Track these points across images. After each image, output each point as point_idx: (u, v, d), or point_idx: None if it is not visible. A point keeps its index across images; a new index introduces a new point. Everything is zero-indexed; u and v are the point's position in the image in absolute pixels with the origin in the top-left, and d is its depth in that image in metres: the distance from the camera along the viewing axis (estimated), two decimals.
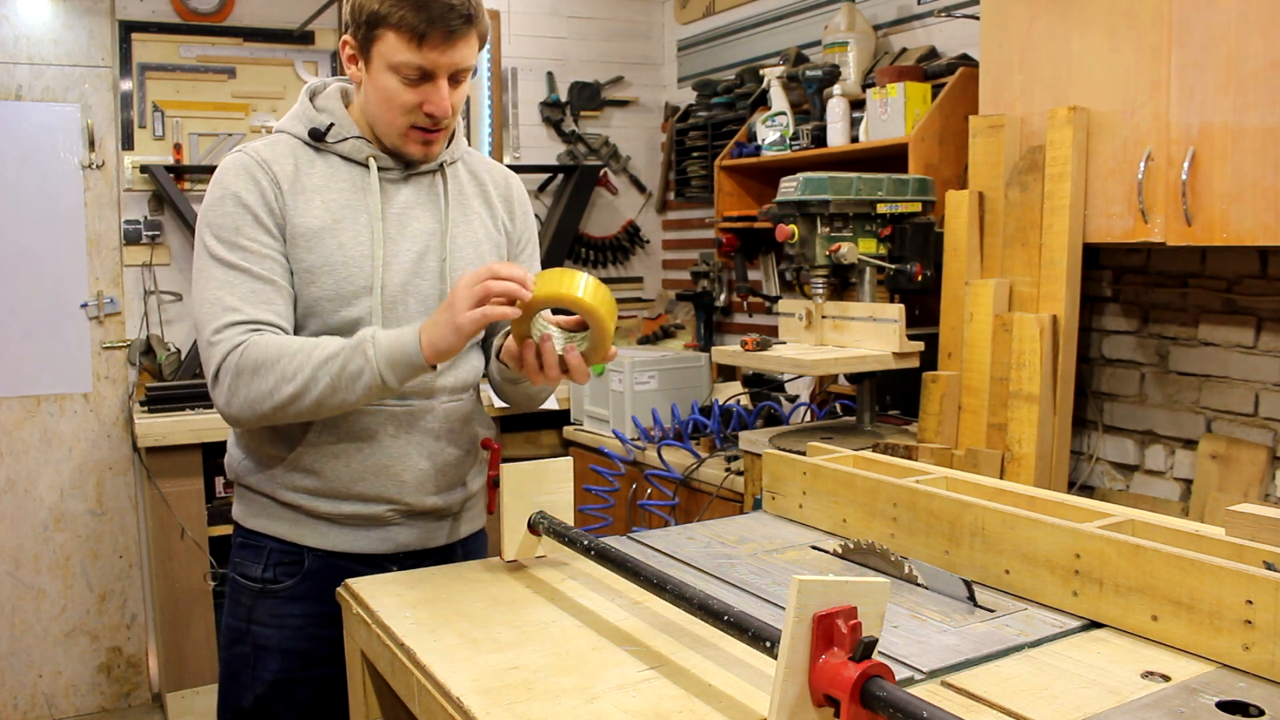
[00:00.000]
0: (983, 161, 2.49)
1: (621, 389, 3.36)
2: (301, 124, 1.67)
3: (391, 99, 1.58)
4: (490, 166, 1.85)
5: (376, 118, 1.62)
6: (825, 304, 2.59)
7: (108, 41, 3.71)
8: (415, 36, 1.52)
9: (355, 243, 1.61)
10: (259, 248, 1.57)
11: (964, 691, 1.08)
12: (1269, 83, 1.96)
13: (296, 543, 1.68)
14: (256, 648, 1.69)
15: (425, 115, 1.59)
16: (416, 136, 1.62)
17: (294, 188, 1.61)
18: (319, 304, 1.60)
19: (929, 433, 2.45)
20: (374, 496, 1.66)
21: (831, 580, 0.94)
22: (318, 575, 1.68)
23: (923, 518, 1.48)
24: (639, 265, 4.62)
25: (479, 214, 1.77)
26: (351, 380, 1.48)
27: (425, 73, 1.55)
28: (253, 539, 1.71)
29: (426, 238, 1.68)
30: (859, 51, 3.22)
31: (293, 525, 1.68)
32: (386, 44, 1.54)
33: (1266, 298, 2.32)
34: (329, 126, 1.65)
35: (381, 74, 1.56)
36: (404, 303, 1.65)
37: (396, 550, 1.71)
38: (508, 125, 4.28)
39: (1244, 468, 2.32)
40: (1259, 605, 1.07)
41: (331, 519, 1.67)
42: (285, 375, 1.49)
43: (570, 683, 1.14)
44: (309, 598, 1.68)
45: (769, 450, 1.94)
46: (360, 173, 1.65)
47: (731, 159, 3.64)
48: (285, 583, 1.68)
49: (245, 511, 1.73)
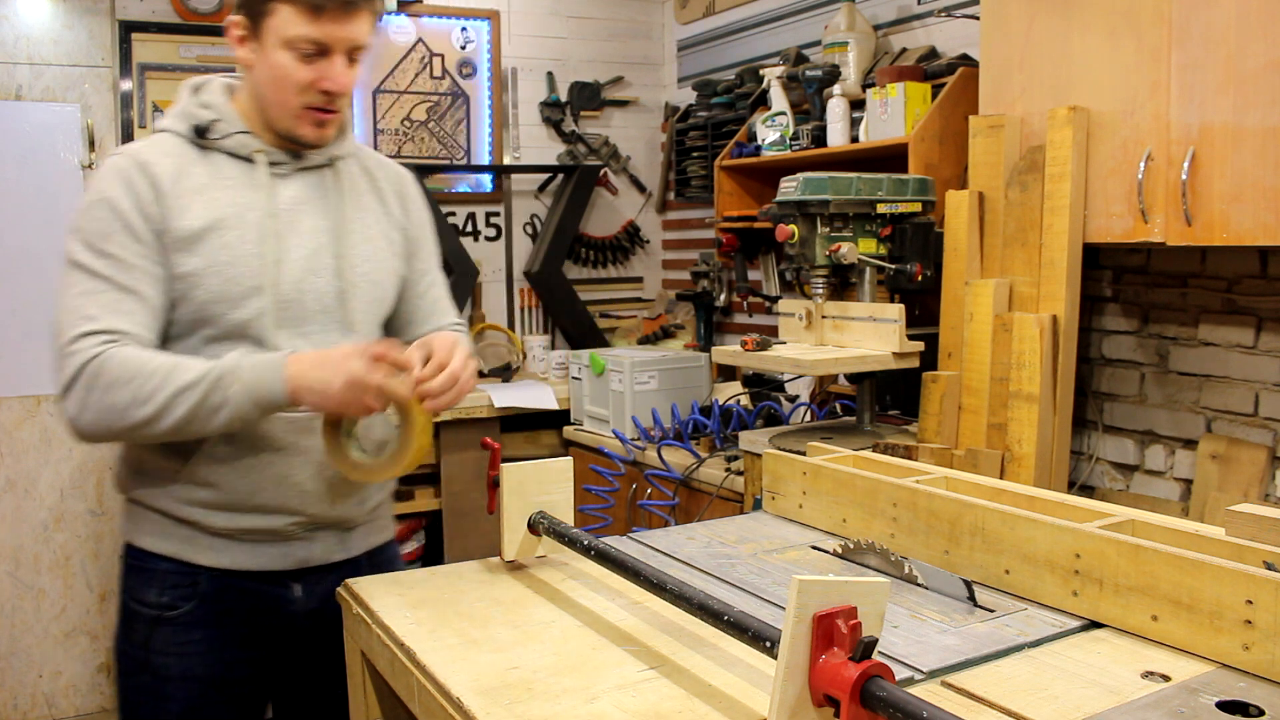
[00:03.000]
0: (983, 161, 2.49)
1: (621, 389, 3.36)
2: (184, 121, 1.60)
3: (285, 77, 1.52)
4: (382, 162, 1.80)
5: (269, 99, 1.56)
6: (825, 304, 2.59)
7: (108, 41, 3.71)
8: (311, 8, 1.47)
9: (241, 242, 1.55)
10: (127, 256, 1.50)
11: (964, 691, 1.08)
12: (1269, 83, 1.96)
13: (190, 561, 1.60)
14: (159, 678, 1.60)
15: (321, 93, 1.53)
16: (310, 117, 1.56)
17: (175, 190, 1.53)
18: (207, 307, 1.54)
19: (929, 433, 2.45)
20: (275, 508, 1.60)
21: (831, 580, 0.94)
22: (215, 598, 1.61)
23: (923, 518, 1.48)
24: (639, 265, 4.62)
25: (373, 210, 1.72)
26: (211, 412, 1.44)
27: (322, 47, 1.50)
28: (144, 560, 1.62)
29: (319, 235, 1.62)
30: (859, 51, 3.22)
31: (186, 543, 1.60)
32: (280, 18, 1.48)
33: (1266, 298, 2.32)
34: (212, 122, 1.58)
35: (275, 51, 1.51)
36: (300, 302, 1.59)
37: (298, 566, 1.65)
38: (508, 125, 4.29)
39: (1244, 468, 2.32)
40: (1259, 605, 1.07)
41: (228, 534, 1.60)
42: (139, 397, 1.43)
43: (570, 683, 1.14)
44: (208, 623, 1.61)
45: (769, 450, 1.94)
46: (247, 169, 1.59)
47: (731, 159, 3.64)
48: (182, 608, 1.60)
49: (135, 529, 1.64)
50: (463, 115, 4.20)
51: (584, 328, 4.29)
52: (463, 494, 3.69)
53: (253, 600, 1.64)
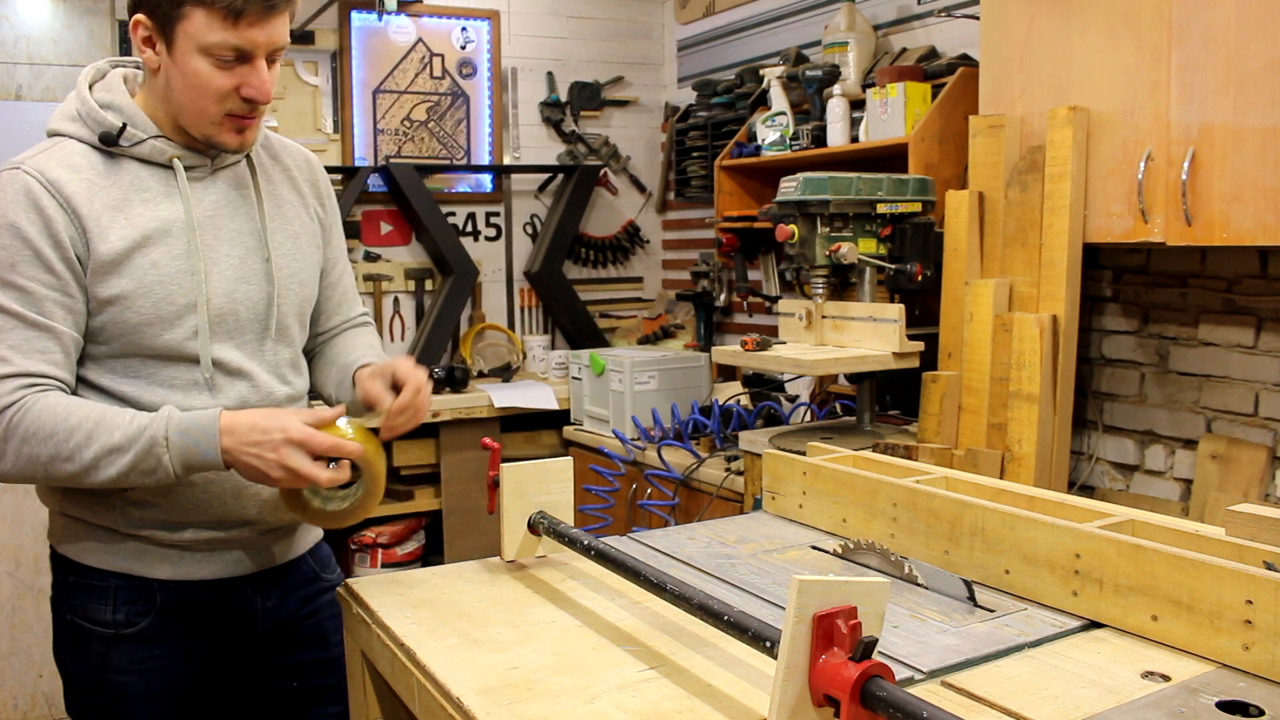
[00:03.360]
0: (983, 161, 2.49)
1: (621, 389, 3.36)
2: (87, 126, 1.45)
3: (203, 85, 1.39)
4: (289, 148, 1.67)
5: (183, 107, 1.42)
6: (825, 304, 2.59)
7: (108, 41, 3.71)
8: (230, 13, 1.34)
9: (170, 258, 1.44)
10: (37, 288, 1.38)
11: (964, 691, 1.08)
12: (1269, 83, 1.96)
13: (144, 576, 1.50)
14: (117, 697, 1.51)
15: (243, 100, 1.41)
16: (231, 124, 1.44)
17: (91, 210, 1.40)
18: (139, 330, 1.44)
19: (929, 433, 2.45)
20: (235, 520, 1.53)
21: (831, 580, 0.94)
22: (172, 610, 1.52)
23: (923, 518, 1.48)
24: (639, 265, 4.62)
25: (291, 204, 1.61)
26: (143, 475, 1.37)
27: (242, 53, 1.38)
28: (92, 577, 1.51)
29: (245, 238, 1.52)
30: (859, 51, 3.22)
31: (138, 558, 1.50)
32: (194, 23, 1.35)
33: (1266, 298, 2.32)
34: (122, 127, 1.43)
35: (189, 57, 1.37)
36: (233, 314, 1.51)
37: (256, 570, 1.59)
38: (508, 125, 4.28)
39: (1244, 468, 2.32)
40: (1259, 605, 1.07)
41: (183, 545, 1.51)
42: (61, 453, 1.35)
43: (570, 683, 1.14)
44: (167, 636, 1.52)
45: (769, 450, 1.94)
46: (163, 176, 1.46)
47: (731, 159, 3.64)
48: (140, 624, 1.50)
49: (77, 547, 1.52)
50: (463, 115, 4.20)
51: (584, 328, 4.30)
52: (463, 494, 3.69)
53: (210, 609, 1.57)
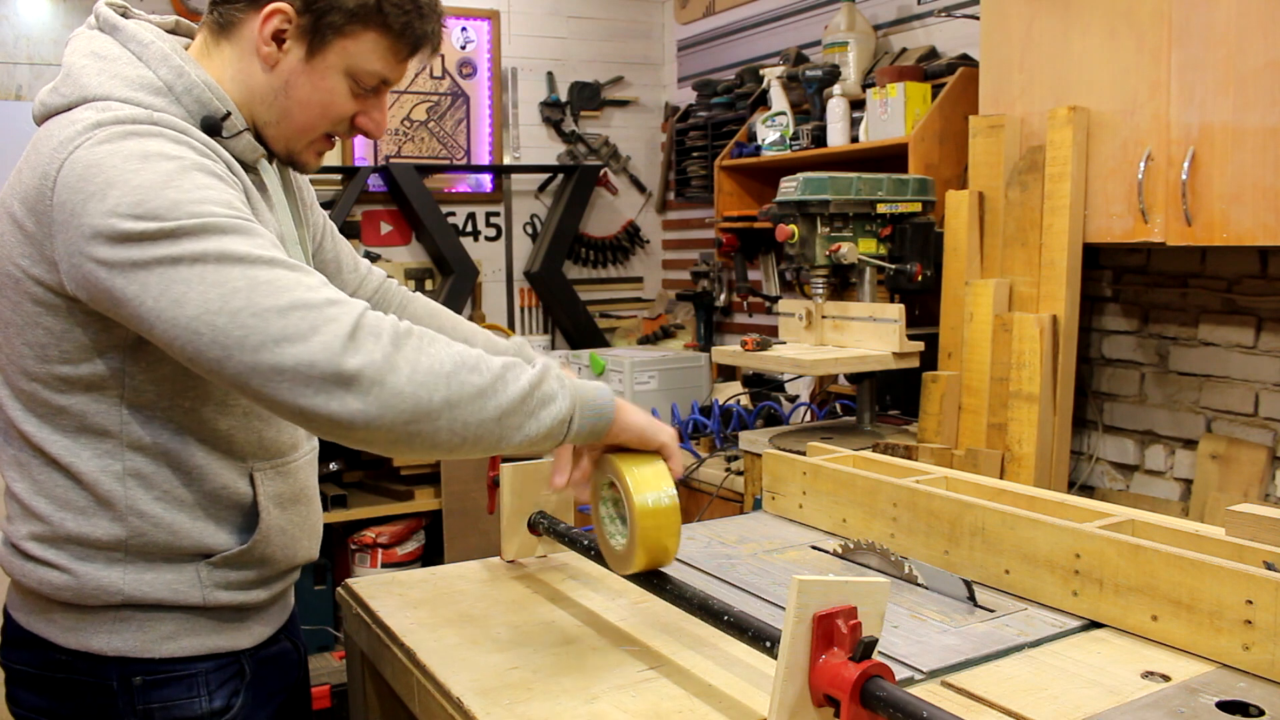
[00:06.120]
0: (983, 161, 2.49)
1: (621, 389, 3.36)
2: (181, 104, 1.19)
3: (329, 105, 1.24)
4: None
5: (289, 116, 1.24)
6: (825, 304, 2.59)
7: None
8: (407, 47, 1.23)
9: None
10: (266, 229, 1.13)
11: (964, 691, 1.08)
12: (1269, 83, 1.96)
13: (231, 650, 1.28)
14: None
15: (352, 128, 1.28)
16: (322, 145, 1.30)
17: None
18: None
19: (929, 433, 2.45)
20: (305, 559, 1.36)
21: (831, 580, 0.94)
22: (256, 679, 1.31)
23: (923, 518, 1.48)
24: (639, 265, 4.62)
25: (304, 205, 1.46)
26: (540, 404, 1.08)
27: (382, 85, 1.26)
28: (171, 669, 1.23)
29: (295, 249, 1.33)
30: (859, 51, 3.22)
31: (219, 632, 1.26)
32: (360, 44, 1.20)
33: (1266, 298, 2.32)
34: (225, 114, 1.21)
35: (331, 73, 1.22)
36: None
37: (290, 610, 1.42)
38: (508, 125, 4.29)
39: (1244, 468, 2.32)
40: (1259, 605, 1.07)
41: (263, 605, 1.32)
42: (465, 361, 1.05)
43: (570, 683, 1.14)
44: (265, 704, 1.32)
45: (769, 450, 1.94)
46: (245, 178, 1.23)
47: (731, 159, 3.64)
48: (235, 705, 1.28)
49: (146, 638, 1.21)
50: (463, 115, 4.20)
51: (584, 328, 4.30)
52: (463, 494, 3.69)
53: (276, 667, 1.37)
